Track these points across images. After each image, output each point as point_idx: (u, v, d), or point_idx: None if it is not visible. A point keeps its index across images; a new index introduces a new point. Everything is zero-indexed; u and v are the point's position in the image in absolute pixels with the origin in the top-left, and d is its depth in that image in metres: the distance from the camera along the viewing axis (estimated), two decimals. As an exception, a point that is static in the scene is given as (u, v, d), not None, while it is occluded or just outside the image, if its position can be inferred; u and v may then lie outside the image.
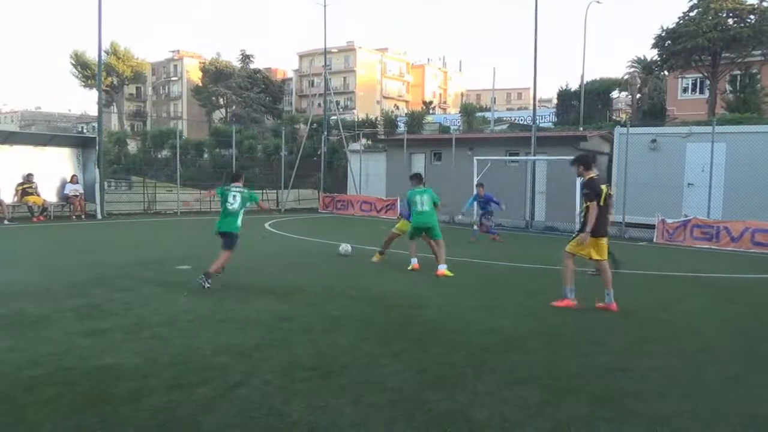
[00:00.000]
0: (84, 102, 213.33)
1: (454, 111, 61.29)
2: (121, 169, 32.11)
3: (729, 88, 30.39)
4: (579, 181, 8.17)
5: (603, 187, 7.32)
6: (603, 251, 7.36)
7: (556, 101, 44.74)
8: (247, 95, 67.19)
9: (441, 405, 4.08)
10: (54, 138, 20.98)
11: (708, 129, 16.89)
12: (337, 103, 53.75)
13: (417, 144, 24.57)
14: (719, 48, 29.14)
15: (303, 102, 77.70)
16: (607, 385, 4.58)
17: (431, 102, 68.89)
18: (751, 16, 28.89)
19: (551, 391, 4.39)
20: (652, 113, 31.67)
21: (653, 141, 17.76)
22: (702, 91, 34.63)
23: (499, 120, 39.02)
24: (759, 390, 4.59)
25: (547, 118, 40.10)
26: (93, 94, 75.53)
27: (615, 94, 45.00)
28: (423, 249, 10.18)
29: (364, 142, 28.44)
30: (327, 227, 18.67)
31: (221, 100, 69.62)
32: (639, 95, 35.90)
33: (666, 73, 36.10)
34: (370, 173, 26.01)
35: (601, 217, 7.22)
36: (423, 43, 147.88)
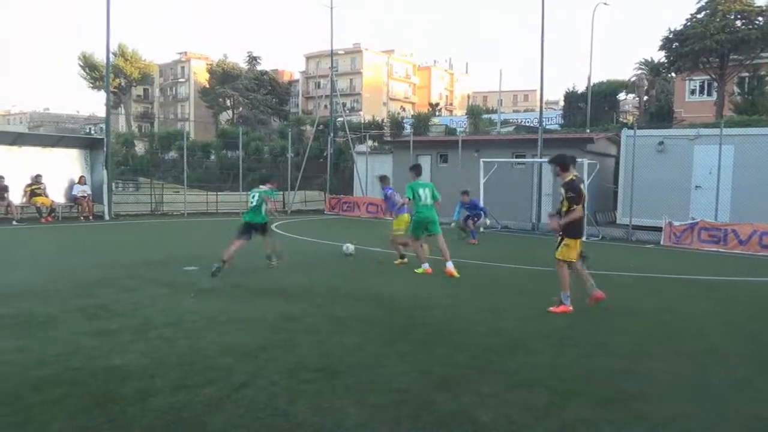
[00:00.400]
0: (92, 103, 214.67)
1: (461, 113, 61.27)
2: (128, 171, 32.29)
3: (737, 90, 30.20)
4: (556, 179, 8.09)
5: (581, 186, 7.30)
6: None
7: (562, 103, 44.63)
8: (253, 97, 67.34)
9: (446, 406, 4.09)
10: (62, 139, 21.14)
11: (716, 131, 16.81)
12: (344, 105, 53.83)
13: (423, 146, 24.55)
14: (727, 50, 28.97)
15: (309, 104, 77.85)
16: (612, 387, 4.58)
17: (437, 104, 68.78)
18: (760, 18, 28.70)
19: (556, 393, 4.38)
20: (659, 115, 31.50)
21: (660, 143, 17.69)
22: (710, 93, 34.46)
23: (505, 122, 38.98)
24: (766, 393, 4.57)
25: (553, 120, 39.98)
26: (101, 96, 75.60)
27: (622, 96, 44.90)
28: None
29: (370, 143, 28.47)
30: (333, 229, 18.69)
31: (228, 102, 69.82)
32: (646, 97, 35.77)
33: (673, 75, 35.95)
34: (375, 175, 25.96)
35: (581, 219, 7.23)
36: (429, 45, 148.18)
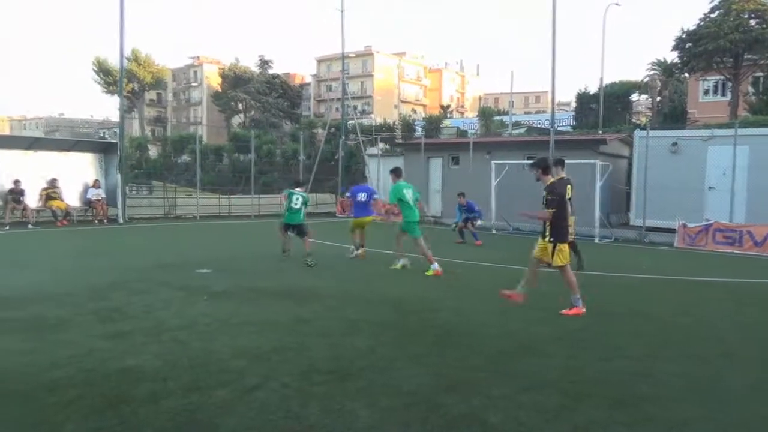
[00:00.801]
0: (106, 108, 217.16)
1: (472, 115, 61.15)
2: (142, 174, 32.48)
3: (751, 89, 29.91)
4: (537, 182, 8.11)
5: (568, 187, 7.37)
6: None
7: (574, 104, 44.43)
8: (265, 100, 67.68)
9: (456, 409, 4.08)
10: (77, 143, 21.36)
11: (730, 132, 16.67)
12: (355, 108, 53.95)
13: (434, 148, 24.53)
14: (741, 49, 28.68)
15: (321, 106, 78.06)
16: (626, 389, 4.54)
17: (448, 106, 68.70)
18: (774, 17, 28.41)
19: (568, 396, 4.36)
20: (672, 116, 31.28)
21: (674, 144, 17.55)
22: (724, 93, 34.13)
23: (517, 123, 38.84)
24: (781, 396, 4.52)
25: (565, 121, 39.80)
26: (114, 100, 76.47)
27: (635, 96, 44.53)
28: (409, 248, 10.18)
29: (381, 146, 28.45)
30: (344, 231, 18.69)
31: (240, 105, 70.23)
32: (659, 98, 35.52)
33: (687, 75, 35.63)
34: (388, 177, 25.96)
35: (563, 221, 7.25)
36: (440, 47, 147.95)
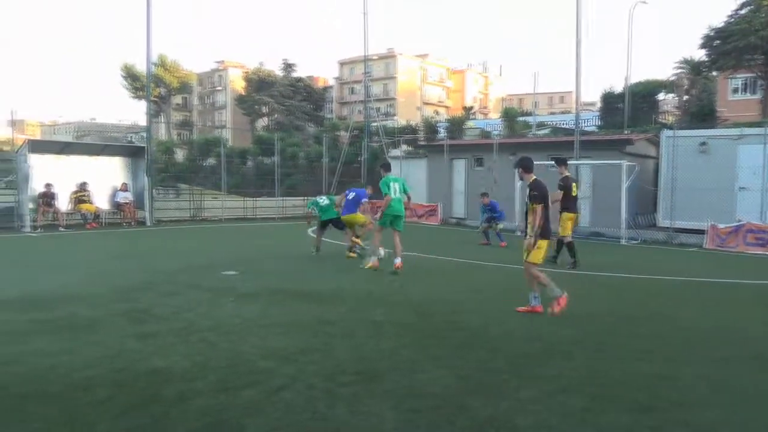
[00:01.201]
0: (134, 112, 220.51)
1: (496, 116, 60.79)
2: (169, 177, 32.88)
3: (783, 87, 29.31)
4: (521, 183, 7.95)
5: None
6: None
7: (600, 104, 43.86)
8: (289, 103, 68.18)
9: (483, 411, 4.08)
10: (106, 148, 21.75)
11: (761, 131, 16.35)
12: (378, 110, 54.00)
13: (458, 149, 24.48)
14: (772, 46, 28.13)
15: (344, 109, 78.34)
16: (652, 393, 4.50)
17: (472, 107, 68.40)
18: (807, 13, 27.79)
19: (595, 399, 4.34)
20: (700, 115, 30.70)
21: (703, 144, 17.25)
22: (754, 91, 33.46)
23: (541, 124, 38.45)
24: (814, 401, 4.43)
25: (590, 121, 39.29)
26: (142, 105, 77.73)
27: (661, 96, 43.73)
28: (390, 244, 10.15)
29: (404, 148, 28.49)
30: (367, 233, 18.74)
31: (264, 109, 70.85)
32: (687, 97, 34.91)
33: (715, 73, 35.01)
34: (411, 179, 26.00)
35: (546, 219, 7.11)
36: (463, 49, 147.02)
